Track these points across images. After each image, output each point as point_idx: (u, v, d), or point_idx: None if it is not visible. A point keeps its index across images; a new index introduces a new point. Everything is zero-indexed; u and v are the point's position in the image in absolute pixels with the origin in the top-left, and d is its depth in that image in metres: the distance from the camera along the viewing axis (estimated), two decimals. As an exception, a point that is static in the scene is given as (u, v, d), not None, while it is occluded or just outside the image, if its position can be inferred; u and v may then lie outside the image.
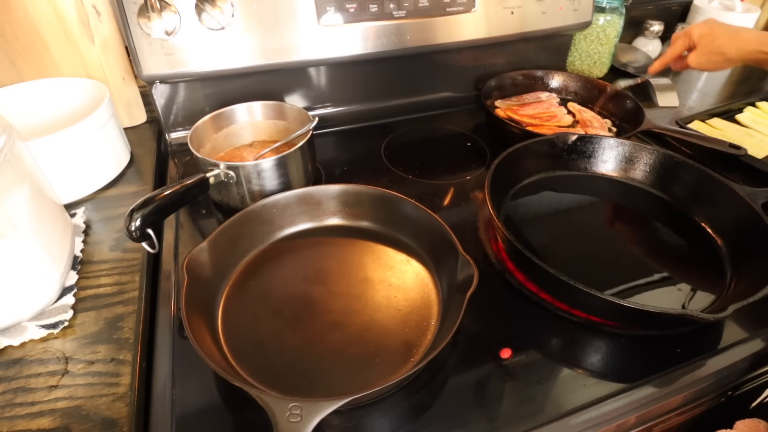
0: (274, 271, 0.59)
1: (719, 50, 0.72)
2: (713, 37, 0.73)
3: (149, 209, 0.53)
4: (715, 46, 0.72)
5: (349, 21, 0.79)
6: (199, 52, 0.74)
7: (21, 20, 0.68)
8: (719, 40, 0.72)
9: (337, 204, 0.65)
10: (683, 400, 0.49)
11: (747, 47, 0.70)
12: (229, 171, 0.63)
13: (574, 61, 1.08)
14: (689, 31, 0.76)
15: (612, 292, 0.57)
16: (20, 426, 0.42)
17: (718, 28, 0.73)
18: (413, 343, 0.50)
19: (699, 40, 0.74)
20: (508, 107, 0.92)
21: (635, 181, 0.74)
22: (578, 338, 0.53)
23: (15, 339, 0.49)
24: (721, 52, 0.72)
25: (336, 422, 0.45)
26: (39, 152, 0.60)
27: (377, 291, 0.56)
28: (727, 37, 0.72)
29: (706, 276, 0.60)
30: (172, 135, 0.84)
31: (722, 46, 0.72)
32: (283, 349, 0.50)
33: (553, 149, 0.75)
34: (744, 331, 0.54)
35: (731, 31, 0.72)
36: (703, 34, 0.74)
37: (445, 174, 0.79)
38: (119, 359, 0.48)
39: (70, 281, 0.56)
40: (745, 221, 0.61)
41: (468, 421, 0.45)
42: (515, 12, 0.89)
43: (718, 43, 0.72)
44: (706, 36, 0.73)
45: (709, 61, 0.74)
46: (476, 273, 0.48)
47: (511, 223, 0.68)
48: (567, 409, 0.46)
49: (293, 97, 0.89)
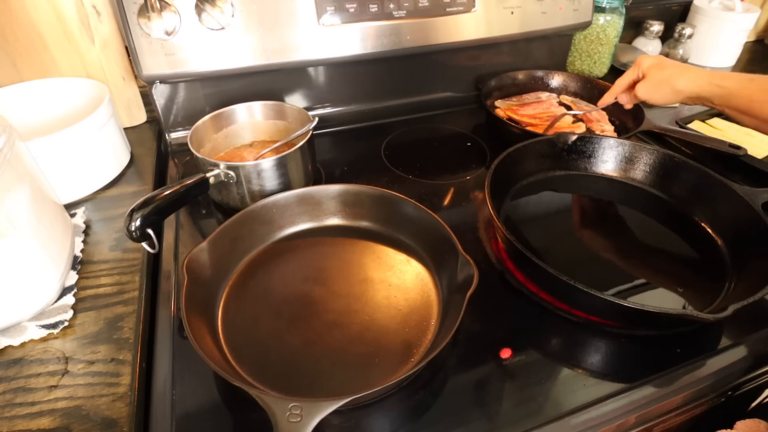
0: (274, 271, 0.59)
1: (668, 80, 0.71)
2: (663, 68, 0.71)
3: (149, 209, 0.53)
4: (665, 76, 0.71)
5: (349, 21, 0.79)
6: (199, 52, 0.74)
7: (21, 20, 0.68)
8: (669, 70, 0.71)
9: (337, 204, 0.65)
10: (683, 400, 0.49)
11: (697, 80, 0.68)
12: (229, 171, 0.63)
13: (574, 61, 1.08)
14: (639, 62, 0.75)
15: (612, 292, 0.57)
16: (20, 426, 0.42)
17: (668, 61, 0.72)
18: (413, 343, 0.50)
19: (648, 70, 0.73)
20: (508, 107, 0.92)
21: (635, 181, 0.74)
22: (578, 338, 0.53)
23: (15, 339, 0.49)
24: (669, 82, 0.70)
25: (336, 422, 0.45)
26: (39, 152, 0.60)
27: (377, 291, 0.56)
28: (677, 68, 0.71)
29: (706, 276, 0.60)
30: (172, 135, 0.84)
31: (671, 76, 0.70)
32: (283, 349, 0.50)
33: (553, 149, 0.75)
34: (744, 331, 0.54)
35: (682, 65, 0.72)
36: (653, 65, 0.73)
37: (445, 174, 0.79)
38: (119, 359, 0.48)
39: (70, 281, 0.56)
40: (745, 221, 0.61)
41: (468, 421, 0.45)
42: (515, 12, 0.89)
43: (667, 73, 0.71)
44: (656, 66, 0.72)
45: (657, 91, 0.72)
46: (476, 273, 0.48)
47: (511, 223, 0.68)
48: (567, 409, 0.45)
49: (293, 97, 0.89)
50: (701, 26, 1.14)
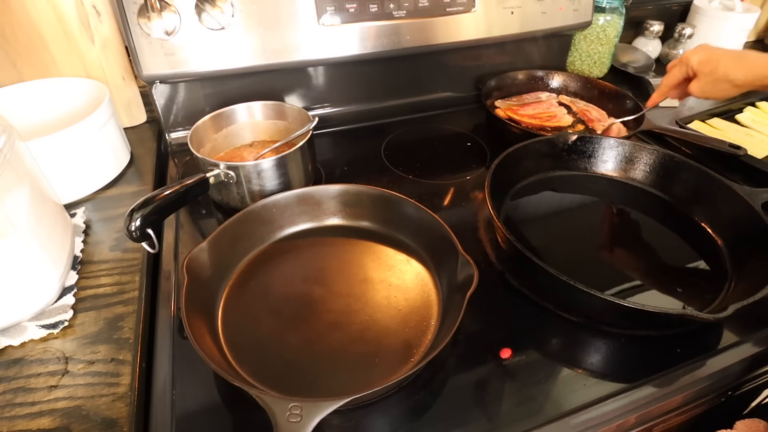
0: (274, 271, 0.59)
1: (725, 77, 0.65)
2: (716, 63, 0.66)
3: (149, 209, 0.53)
4: (721, 72, 0.66)
5: (349, 21, 0.79)
6: (199, 52, 0.74)
7: (21, 20, 0.68)
8: (723, 65, 0.66)
9: (337, 204, 0.65)
10: (683, 400, 0.49)
11: (756, 71, 0.64)
12: (229, 171, 0.63)
13: (574, 61, 1.08)
14: (686, 59, 0.70)
15: (612, 292, 0.57)
16: (20, 426, 0.42)
17: (718, 53, 0.67)
18: (413, 343, 0.50)
19: (699, 67, 0.68)
20: (508, 107, 0.92)
21: (635, 181, 0.74)
22: (578, 338, 0.53)
23: (15, 339, 0.49)
24: (727, 78, 0.65)
25: (336, 422, 0.45)
26: (39, 152, 0.60)
27: (377, 291, 0.56)
28: (732, 61, 0.65)
29: (706, 276, 0.60)
30: (172, 135, 0.84)
31: (728, 72, 0.65)
32: (283, 349, 0.50)
33: (553, 149, 0.75)
34: (744, 331, 0.54)
35: (735, 55, 0.66)
36: (703, 61, 0.67)
37: (445, 174, 0.79)
38: (119, 359, 0.48)
39: (70, 281, 0.56)
40: (745, 221, 0.61)
41: (468, 421, 0.45)
42: (515, 12, 0.89)
43: (723, 69, 0.66)
44: (707, 62, 0.67)
45: (715, 89, 0.67)
46: (476, 273, 0.48)
47: (511, 223, 0.68)
48: (567, 409, 0.45)
49: (293, 97, 0.89)
50: (701, 26, 1.14)
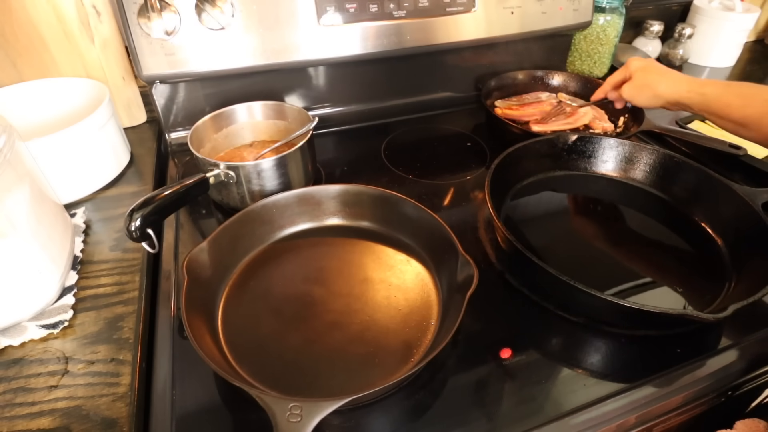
0: (274, 271, 0.59)
1: (650, 84, 0.73)
2: (648, 72, 0.74)
3: (149, 209, 0.53)
4: (648, 80, 0.74)
5: (349, 21, 0.79)
6: (199, 52, 0.74)
7: (21, 20, 0.68)
8: (652, 75, 0.73)
9: (337, 204, 0.65)
10: (683, 400, 0.49)
11: (676, 86, 0.71)
12: (229, 171, 0.63)
13: (574, 61, 1.08)
14: (628, 62, 0.77)
15: (612, 292, 0.57)
16: (20, 426, 0.42)
17: (654, 65, 0.75)
18: (413, 343, 0.50)
19: (634, 72, 0.76)
20: (508, 107, 0.92)
21: (635, 181, 0.74)
22: (578, 338, 0.53)
23: (15, 339, 0.49)
24: (651, 86, 0.73)
25: (336, 422, 0.45)
26: (39, 152, 0.60)
27: (377, 291, 0.56)
28: (661, 73, 0.73)
29: (706, 276, 0.60)
30: (172, 135, 0.84)
31: (654, 81, 0.73)
32: (283, 349, 0.50)
33: (553, 149, 0.75)
34: (744, 331, 0.54)
35: (666, 70, 0.74)
36: (640, 67, 0.75)
37: (445, 174, 0.79)
38: (119, 359, 0.48)
39: (70, 281, 0.56)
40: (745, 221, 0.61)
41: (468, 421, 0.45)
42: (515, 12, 0.89)
43: (651, 78, 0.73)
44: (643, 69, 0.75)
45: (640, 94, 0.75)
46: (476, 273, 0.48)
47: (511, 223, 0.68)
48: (567, 409, 0.46)
49: (293, 97, 0.89)
50: (701, 26, 1.14)
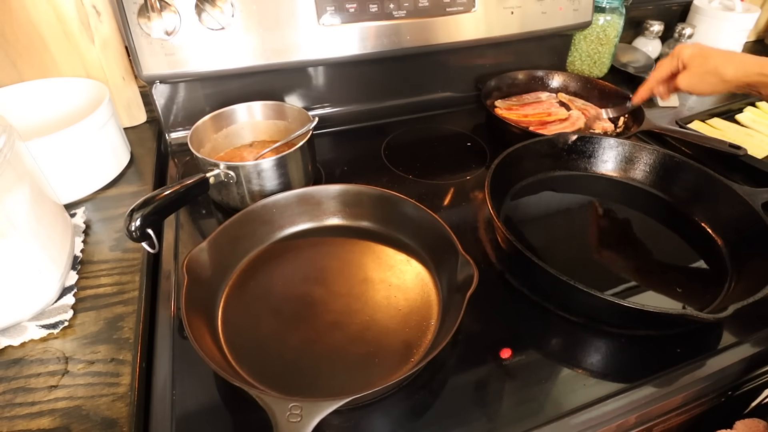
0: (274, 271, 0.59)
1: (715, 70, 0.66)
2: (706, 57, 0.67)
3: (149, 209, 0.53)
4: (711, 66, 0.67)
5: (349, 21, 0.79)
6: (199, 52, 0.74)
7: (21, 20, 0.68)
8: (714, 60, 0.66)
9: (337, 204, 0.65)
10: (683, 400, 0.49)
11: (746, 68, 0.64)
12: (229, 171, 0.63)
13: (574, 61, 1.08)
14: (678, 52, 0.70)
15: (612, 292, 0.57)
16: (20, 426, 0.42)
17: (710, 50, 0.68)
18: (413, 343, 0.50)
19: (690, 60, 0.68)
20: (508, 107, 0.92)
21: (635, 181, 0.74)
22: (578, 338, 0.53)
23: (15, 339, 0.49)
24: (717, 72, 0.66)
25: (336, 422, 0.45)
26: (39, 152, 0.60)
27: (377, 291, 0.56)
28: (723, 57, 0.66)
29: (707, 276, 0.60)
30: (172, 135, 0.84)
31: (718, 66, 0.66)
32: (283, 349, 0.50)
33: (553, 149, 0.75)
34: (744, 331, 0.54)
35: (726, 51, 0.67)
36: (694, 54, 0.68)
37: (445, 174, 0.79)
38: (119, 359, 0.48)
39: (70, 281, 0.56)
40: (745, 221, 0.61)
41: (468, 421, 0.45)
42: (515, 12, 0.89)
43: (713, 63, 0.66)
44: (699, 56, 0.68)
45: (702, 82, 0.68)
46: (476, 273, 0.48)
47: (511, 223, 0.68)
48: (567, 409, 0.46)
49: (293, 97, 0.89)
50: (701, 26, 1.14)
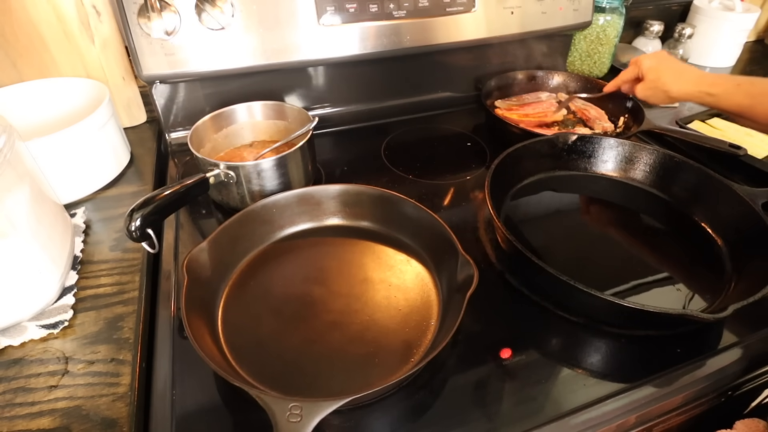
0: (274, 271, 0.59)
1: (663, 87, 0.73)
2: (659, 74, 0.74)
3: (149, 209, 0.53)
4: (660, 82, 0.73)
5: (349, 21, 0.79)
6: (199, 52, 0.74)
7: (21, 20, 0.68)
8: (664, 77, 0.73)
9: (337, 204, 0.65)
10: (683, 400, 0.49)
11: (688, 88, 0.71)
12: (229, 171, 0.63)
13: (574, 61, 1.08)
14: (639, 61, 0.77)
15: (612, 292, 0.57)
16: (20, 426, 0.42)
17: (664, 65, 0.74)
18: (413, 343, 0.50)
19: (646, 73, 0.75)
20: (508, 107, 0.92)
21: (635, 181, 0.74)
22: (578, 338, 0.53)
23: (15, 339, 0.49)
24: (664, 89, 0.73)
25: (336, 422, 0.45)
26: (39, 152, 0.60)
27: (377, 291, 0.56)
28: (673, 74, 0.73)
29: (706, 276, 0.60)
30: (172, 135, 0.84)
31: (666, 83, 0.73)
32: (283, 349, 0.50)
33: (553, 149, 0.75)
34: (744, 332, 0.54)
35: (676, 69, 0.73)
36: (650, 68, 0.75)
37: (445, 174, 0.79)
38: (119, 359, 0.48)
39: (70, 281, 0.56)
40: (745, 221, 0.61)
41: (468, 421, 0.45)
42: (515, 12, 0.89)
43: (663, 80, 0.73)
44: (653, 71, 0.74)
45: (653, 95, 0.75)
46: (476, 273, 0.48)
47: (511, 223, 0.68)
48: (567, 409, 0.46)
49: (293, 97, 0.89)
50: (701, 26, 1.14)
